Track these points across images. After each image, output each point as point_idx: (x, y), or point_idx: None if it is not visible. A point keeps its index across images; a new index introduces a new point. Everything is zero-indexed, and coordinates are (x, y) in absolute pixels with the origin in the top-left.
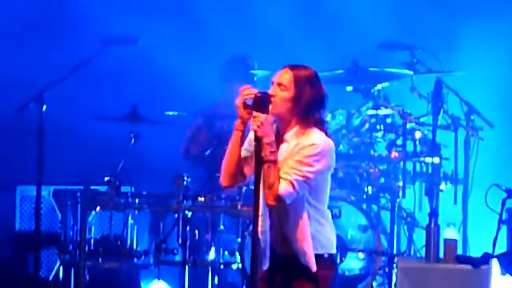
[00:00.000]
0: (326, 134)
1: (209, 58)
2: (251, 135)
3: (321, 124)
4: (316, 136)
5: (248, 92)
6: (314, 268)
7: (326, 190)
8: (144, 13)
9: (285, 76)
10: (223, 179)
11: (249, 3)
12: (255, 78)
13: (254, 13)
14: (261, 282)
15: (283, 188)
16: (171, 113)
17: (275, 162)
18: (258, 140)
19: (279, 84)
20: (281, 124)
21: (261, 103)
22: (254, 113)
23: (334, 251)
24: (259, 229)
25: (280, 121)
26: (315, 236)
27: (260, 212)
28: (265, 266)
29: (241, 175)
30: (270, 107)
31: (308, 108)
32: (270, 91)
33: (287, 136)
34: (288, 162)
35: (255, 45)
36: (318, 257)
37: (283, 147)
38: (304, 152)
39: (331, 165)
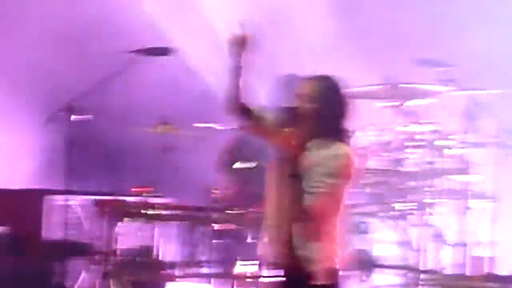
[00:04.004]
0: (350, 144)
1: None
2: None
3: (344, 135)
4: (341, 147)
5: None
6: (322, 280)
7: (342, 201)
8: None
9: (308, 88)
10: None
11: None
12: None
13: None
14: None
15: (312, 202)
16: (203, 125)
17: (299, 176)
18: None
19: (302, 97)
20: (304, 134)
21: (285, 117)
22: (278, 129)
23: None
24: (268, 222)
25: (303, 132)
26: (331, 248)
27: (271, 209)
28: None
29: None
30: (294, 119)
31: (332, 119)
32: (293, 104)
33: (310, 144)
34: (314, 174)
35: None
36: (331, 269)
37: (306, 155)
38: (330, 163)
39: (352, 176)
